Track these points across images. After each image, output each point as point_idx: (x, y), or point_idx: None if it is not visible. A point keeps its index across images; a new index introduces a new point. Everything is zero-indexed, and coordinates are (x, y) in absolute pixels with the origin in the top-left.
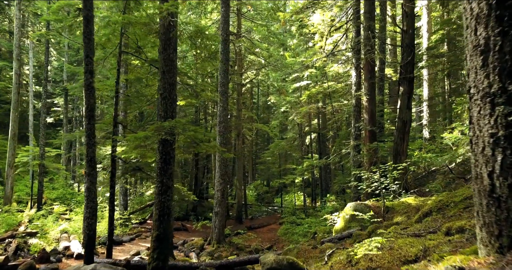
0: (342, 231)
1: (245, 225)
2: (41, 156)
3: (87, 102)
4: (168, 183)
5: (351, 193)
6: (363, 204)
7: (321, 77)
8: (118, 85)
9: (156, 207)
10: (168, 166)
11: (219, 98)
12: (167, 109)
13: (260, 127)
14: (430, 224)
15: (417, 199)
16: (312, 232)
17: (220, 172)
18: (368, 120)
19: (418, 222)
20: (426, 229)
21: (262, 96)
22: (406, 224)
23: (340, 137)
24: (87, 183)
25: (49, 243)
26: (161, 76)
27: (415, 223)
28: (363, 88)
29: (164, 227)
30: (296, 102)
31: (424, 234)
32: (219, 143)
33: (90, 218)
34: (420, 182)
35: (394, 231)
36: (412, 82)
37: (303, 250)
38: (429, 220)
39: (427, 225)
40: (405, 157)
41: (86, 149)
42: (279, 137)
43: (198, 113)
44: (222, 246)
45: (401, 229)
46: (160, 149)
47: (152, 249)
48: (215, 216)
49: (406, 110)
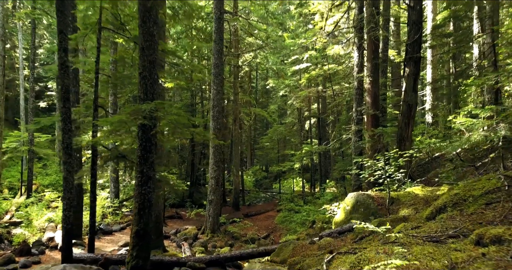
0: (342, 223)
1: (242, 212)
2: (30, 141)
3: (61, 82)
4: (149, 173)
5: (351, 180)
6: (366, 194)
7: (322, 59)
8: (97, 65)
9: (136, 199)
10: (149, 154)
11: (213, 81)
12: (147, 90)
13: (258, 112)
14: (447, 223)
15: (425, 189)
16: (311, 220)
17: (214, 159)
18: (371, 103)
19: (430, 219)
20: (444, 230)
21: (261, 80)
22: (417, 221)
23: (341, 122)
24: (64, 172)
25: (33, 233)
26: (140, 53)
27: (426, 219)
28: (365, 70)
29: (145, 222)
30: (295, 86)
31: (444, 238)
32: (213, 128)
33: (68, 210)
34: (423, 169)
35: (404, 232)
36: (419, 62)
37: (300, 246)
38: (445, 217)
39: (444, 225)
40: (410, 143)
41: (62, 135)
42: (278, 122)
43: (194, 97)
44: (217, 236)
45: (412, 228)
46: (139, 135)
47: (131, 246)
48: (209, 204)
49: (412, 92)
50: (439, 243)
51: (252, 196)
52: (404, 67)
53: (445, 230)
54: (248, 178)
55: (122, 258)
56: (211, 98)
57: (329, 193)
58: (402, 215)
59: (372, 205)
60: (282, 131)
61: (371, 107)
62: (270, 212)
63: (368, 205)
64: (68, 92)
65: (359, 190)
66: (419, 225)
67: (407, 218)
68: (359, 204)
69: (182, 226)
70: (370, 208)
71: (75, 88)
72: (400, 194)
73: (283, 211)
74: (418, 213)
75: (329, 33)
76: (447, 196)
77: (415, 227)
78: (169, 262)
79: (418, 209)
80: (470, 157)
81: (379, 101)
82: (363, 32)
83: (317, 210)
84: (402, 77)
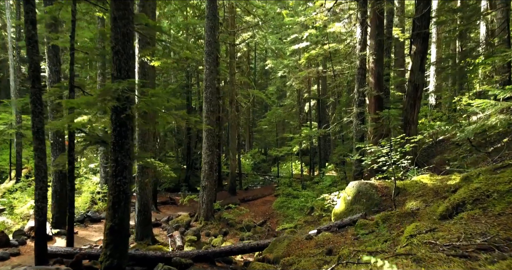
0: (342, 215)
1: (238, 197)
2: (18, 124)
3: (30, 59)
4: (125, 161)
5: (351, 165)
6: (368, 183)
7: (322, 37)
8: (73, 41)
9: (110, 191)
10: (124, 140)
11: (205, 60)
12: (121, 67)
13: (256, 94)
14: (471, 226)
15: (434, 178)
16: (309, 207)
17: (207, 143)
18: (374, 84)
19: (446, 217)
20: (470, 237)
21: (260, 61)
22: (430, 220)
23: (341, 104)
24: (35, 159)
25: (16, 221)
26: (112, 24)
27: (441, 218)
28: (368, 48)
29: (120, 217)
30: (294, 66)
31: (472, 250)
32: (206, 110)
33: (41, 201)
34: (427, 153)
35: (418, 238)
36: (426, 39)
37: (295, 241)
38: (465, 217)
39: (468, 229)
40: (415, 126)
41: (32, 118)
42: (277, 104)
43: (190, 78)
44: (210, 223)
45: (427, 232)
46: (113, 119)
47: (105, 244)
48: (202, 190)
49: (419, 72)
50: (469, 260)
51: (250, 179)
52: (411, 45)
53: (470, 237)
54: (246, 162)
55: (96, 253)
56: (204, 78)
57: (328, 177)
58: (410, 208)
59: (376, 195)
60: (280, 113)
61: (374, 87)
62: (268, 197)
63: (371, 196)
64: (38, 70)
65: (360, 176)
66: (434, 226)
67: (416, 214)
68: (361, 194)
69: (175, 213)
70: (373, 198)
71: (56, 67)
72: (407, 183)
73: (281, 196)
74: (429, 206)
75: (330, 8)
76: (465, 190)
77: (431, 229)
78: (153, 257)
79: (427, 201)
80: (482, 141)
81: (383, 81)
82: (366, 5)
83: (316, 195)
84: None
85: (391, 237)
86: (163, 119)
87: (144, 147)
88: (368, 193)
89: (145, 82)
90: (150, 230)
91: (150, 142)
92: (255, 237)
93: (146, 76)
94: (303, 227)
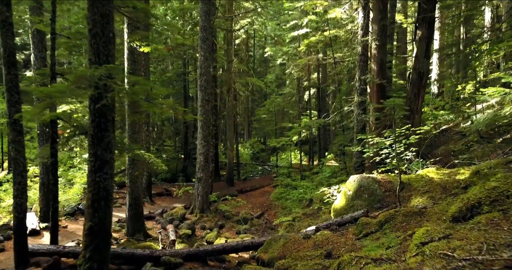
0: (343, 211)
1: (236, 188)
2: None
3: (4, 44)
4: (105, 155)
5: (352, 156)
6: (371, 178)
7: (322, 23)
8: (54, 24)
9: (89, 189)
10: (105, 132)
11: (200, 46)
12: (99, 51)
13: (254, 82)
14: (492, 234)
15: (441, 172)
16: (308, 198)
17: (202, 133)
18: (377, 71)
19: (459, 219)
20: (493, 249)
21: (259, 48)
22: (440, 221)
23: (342, 93)
24: (12, 152)
25: (4, 215)
26: (89, 4)
27: (453, 220)
28: (370, 34)
29: (101, 216)
30: (294, 54)
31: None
32: (201, 99)
33: (19, 197)
34: (430, 144)
35: (431, 247)
36: (432, 24)
37: (292, 241)
38: (483, 222)
39: (489, 238)
40: (419, 116)
41: (8, 108)
42: (277, 92)
43: (187, 66)
44: (206, 216)
45: (440, 239)
46: (91, 109)
47: (84, 245)
48: (198, 182)
49: (424, 59)
50: None
51: (249, 169)
52: (416, 30)
53: (494, 249)
54: (245, 151)
55: (75, 251)
56: (199, 66)
57: (327, 168)
58: (416, 205)
59: (378, 190)
60: (279, 102)
61: (377, 75)
62: (266, 188)
63: (373, 191)
64: (14, 56)
65: (361, 168)
66: (448, 232)
67: (423, 213)
68: (363, 189)
69: (170, 204)
70: (375, 194)
71: (41, 54)
72: (411, 177)
73: (279, 187)
74: (437, 204)
75: None
76: (481, 189)
77: (444, 236)
78: (141, 255)
79: (435, 198)
80: (490, 132)
81: (386, 68)
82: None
83: (315, 186)
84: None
85: (397, 241)
86: (150, 109)
87: (134, 138)
88: (370, 188)
89: (134, 69)
90: (142, 225)
91: (141, 133)
92: (252, 230)
93: (136, 63)
94: (302, 220)
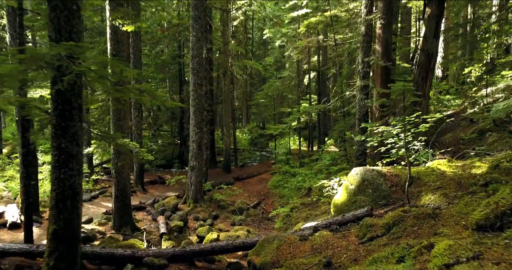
0: (344, 207)
1: (232, 176)
2: None
3: None
4: (70, 149)
5: (353, 144)
6: (375, 171)
7: (323, 2)
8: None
9: (53, 187)
10: (69, 122)
11: (192, 26)
12: (60, 26)
13: (251, 65)
14: None
15: (453, 165)
16: (307, 187)
17: (195, 120)
18: (382, 53)
19: (485, 229)
20: None
21: (258, 31)
22: (461, 231)
23: (342, 76)
24: None
25: None
26: None
27: (478, 228)
28: (374, 13)
29: (67, 218)
30: (293, 35)
31: None
32: (193, 83)
33: None
34: (435, 131)
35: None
36: (443, 1)
37: (287, 244)
38: None
39: None
40: (427, 101)
41: None
42: (276, 76)
43: (182, 48)
44: (200, 206)
45: (469, 260)
46: (53, 94)
47: (48, 252)
48: (191, 171)
49: (433, 39)
50: None
51: (247, 155)
52: (425, 7)
53: None
54: (243, 136)
55: None
56: (190, 47)
57: (327, 155)
58: (427, 204)
59: (384, 185)
60: (278, 86)
61: (381, 57)
62: (264, 175)
63: (378, 186)
64: None
65: (362, 156)
66: (477, 250)
67: (438, 215)
68: (367, 184)
69: (163, 193)
70: (380, 189)
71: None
72: (421, 170)
73: (278, 174)
74: (453, 204)
75: None
76: (511, 192)
77: (474, 256)
78: (121, 256)
79: (449, 196)
80: (505, 119)
81: (391, 50)
82: None
83: (314, 174)
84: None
85: (410, 253)
86: (124, 95)
87: (120, 125)
88: (375, 183)
89: (118, 50)
90: (129, 217)
91: (126, 120)
92: (248, 221)
93: (120, 43)
94: (300, 210)
